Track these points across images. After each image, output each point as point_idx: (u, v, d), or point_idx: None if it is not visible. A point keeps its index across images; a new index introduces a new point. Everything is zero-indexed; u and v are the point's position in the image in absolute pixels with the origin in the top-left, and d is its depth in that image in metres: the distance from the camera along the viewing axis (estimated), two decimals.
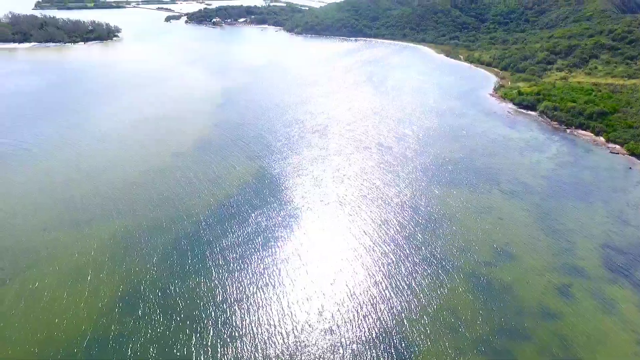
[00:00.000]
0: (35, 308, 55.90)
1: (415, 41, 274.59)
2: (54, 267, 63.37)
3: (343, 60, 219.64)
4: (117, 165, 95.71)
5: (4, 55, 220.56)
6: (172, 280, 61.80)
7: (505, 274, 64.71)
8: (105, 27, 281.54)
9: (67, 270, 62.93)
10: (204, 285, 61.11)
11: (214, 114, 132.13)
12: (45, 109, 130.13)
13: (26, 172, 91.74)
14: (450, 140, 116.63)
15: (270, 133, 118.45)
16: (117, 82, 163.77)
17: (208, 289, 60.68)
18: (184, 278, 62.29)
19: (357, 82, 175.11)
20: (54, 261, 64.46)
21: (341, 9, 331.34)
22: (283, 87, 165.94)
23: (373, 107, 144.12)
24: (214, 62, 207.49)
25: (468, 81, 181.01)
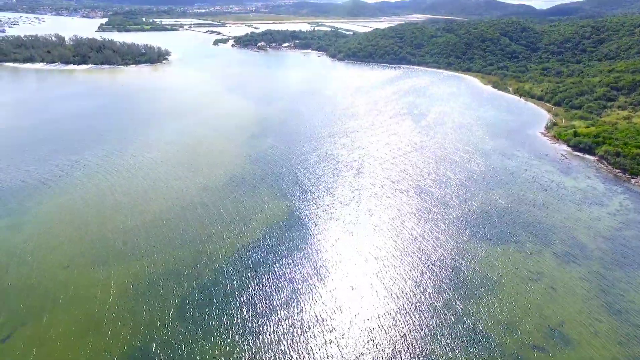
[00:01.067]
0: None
1: (461, 70, 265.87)
2: (72, 313, 61.68)
3: (384, 89, 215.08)
4: (147, 199, 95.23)
5: (64, 76, 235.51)
6: (186, 340, 58.00)
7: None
8: (156, 50, 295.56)
9: (84, 318, 60.97)
10: (218, 350, 56.77)
11: (248, 145, 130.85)
12: (86, 135, 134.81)
13: (58, 201, 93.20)
14: (496, 186, 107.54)
15: (303, 168, 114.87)
16: (157, 109, 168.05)
17: (222, 353, 56.26)
18: (198, 339, 58.32)
19: (397, 114, 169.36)
20: (72, 306, 62.90)
21: (385, 36, 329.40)
22: (320, 117, 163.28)
23: (413, 143, 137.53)
24: (254, 88, 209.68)
25: (517, 117, 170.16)
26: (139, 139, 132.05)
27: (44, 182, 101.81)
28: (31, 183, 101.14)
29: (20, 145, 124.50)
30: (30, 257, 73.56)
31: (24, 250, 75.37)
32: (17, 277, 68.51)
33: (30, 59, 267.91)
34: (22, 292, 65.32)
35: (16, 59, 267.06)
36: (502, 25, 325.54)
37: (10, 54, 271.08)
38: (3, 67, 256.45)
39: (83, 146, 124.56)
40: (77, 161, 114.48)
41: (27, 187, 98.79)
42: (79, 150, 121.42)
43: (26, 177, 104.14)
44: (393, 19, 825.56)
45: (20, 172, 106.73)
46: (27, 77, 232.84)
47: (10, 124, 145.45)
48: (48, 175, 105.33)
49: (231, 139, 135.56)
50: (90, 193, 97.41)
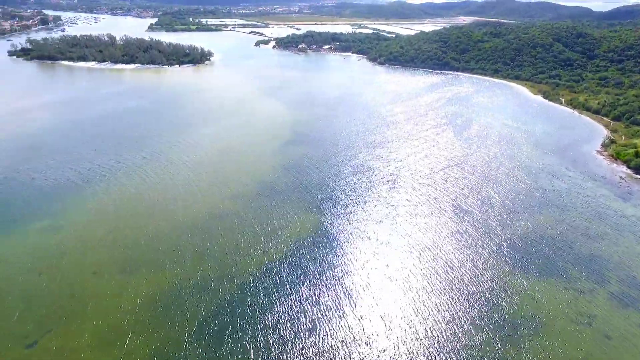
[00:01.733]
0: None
1: (508, 78, 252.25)
2: (96, 323, 61.75)
3: (425, 96, 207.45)
4: (180, 205, 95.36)
5: (112, 75, 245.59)
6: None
7: None
8: (200, 51, 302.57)
9: (108, 329, 60.88)
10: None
11: (282, 152, 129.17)
12: (127, 136, 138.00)
13: (96, 202, 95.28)
14: (544, 209, 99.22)
15: (336, 180, 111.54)
16: (195, 112, 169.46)
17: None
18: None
19: (438, 125, 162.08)
20: (97, 315, 63.03)
21: (428, 40, 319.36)
22: (357, 124, 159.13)
23: (454, 156, 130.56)
24: (291, 92, 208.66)
25: (569, 132, 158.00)
26: (176, 143, 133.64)
27: (86, 182, 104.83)
28: (75, 182, 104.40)
29: (67, 144, 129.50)
30: (63, 261, 75.03)
31: (58, 253, 77.07)
32: (48, 282, 69.87)
33: (83, 57, 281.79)
34: (52, 298, 66.37)
35: (71, 58, 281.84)
36: (556, 30, 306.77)
37: (66, 53, 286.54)
38: (59, 65, 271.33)
39: (123, 148, 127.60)
40: (118, 162, 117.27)
41: (70, 187, 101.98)
42: (120, 151, 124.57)
43: (71, 176, 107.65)
44: (437, 22, 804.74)
45: (67, 171, 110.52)
46: (78, 75, 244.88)
47: (58, 122, 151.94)
48: (90, 175, 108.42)
49: (265, 145, 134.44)
50: (126, 196, 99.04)
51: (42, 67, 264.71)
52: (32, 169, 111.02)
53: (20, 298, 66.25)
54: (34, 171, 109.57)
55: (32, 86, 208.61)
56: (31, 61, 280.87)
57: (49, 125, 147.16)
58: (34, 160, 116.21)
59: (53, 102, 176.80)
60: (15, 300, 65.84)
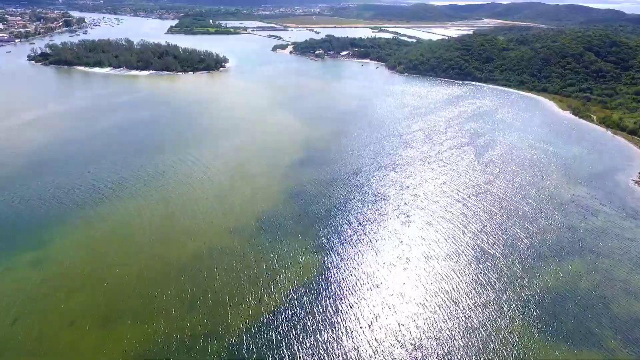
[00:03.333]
0: None
1: (535, 90, 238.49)
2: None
3: (444, 111, 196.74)
4: (173, 240, 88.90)
5: (125, 82, 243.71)
6: None
7: None
8: (214, 57, 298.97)
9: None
10: None
11: (288, 175, 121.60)
12: (127, 153, 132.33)
13: (85, 230, 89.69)
14: (576, 255, 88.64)
15: (344, 211, 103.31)
16: (202, 126, 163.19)
17: None
18: None
19: (458, 145, 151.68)
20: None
21: (450, 47, 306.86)
22: (371, 143, 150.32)
23: (475, 184, 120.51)
24: (305, 104, 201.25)
25: (602, 156, 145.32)
26: (179, 162, 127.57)
27: (79, 206, 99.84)
28: (67, 206, 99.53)
29: (65, 163, 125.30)
30: (40, 306, 69.41)
31: (38, 296, 71.61)
32: (21, 333, 64.22)
33: (99, 63, 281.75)
34: (19, 355, 60.50)
35: (87, 63, 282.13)
36: (587, 38, 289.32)
37: (82, 58, 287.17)
38: (75, 71, 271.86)
39: (123, 167, 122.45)
40: (116, 183, 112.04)
41: (61, 212, 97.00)
42: (119, 170, 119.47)
43: (64, 198, 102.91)
44: (460, 25, 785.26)
45: (61, 192, 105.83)
46: (92, 82, 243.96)
47: (60, 137, 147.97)
48: (84, 198, 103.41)
49: (271, 167, 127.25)
50: (118, 225, 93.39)
51: (58, 73, 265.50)
52: (24, 190, 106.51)
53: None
54: (27, 193, 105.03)
55: (44, 94, 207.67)
56: (49, 66, 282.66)
57: (51, 141, 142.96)
58: (29, 180, 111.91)
59: (61, 113, 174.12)
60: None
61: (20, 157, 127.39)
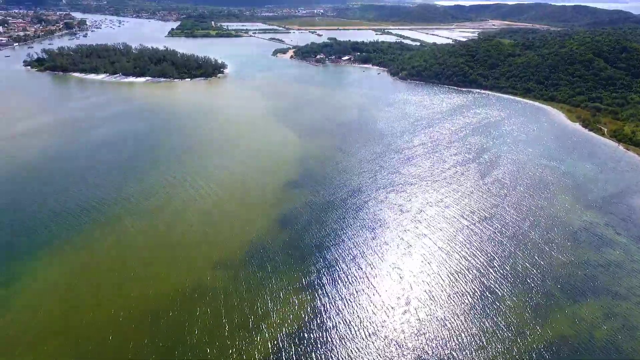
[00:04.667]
0: None
1: (542, 99, 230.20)
2: None
3: (448, 122, 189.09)
4: (152, 275, 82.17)
5: (120, 90, 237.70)
6: None
7: None
8: (213, 62, 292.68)
9: None
10: None
11: (280, 198, 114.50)
12: (110, 172, 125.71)
13: (52, 266, 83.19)
14: (590, 295, 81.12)
15: (339, 241, 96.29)
16: (195, 140, 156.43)
17: None
18: None
19: (463, 162, 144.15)
20: None
21: (454, 53, 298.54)
22: (370, 160, 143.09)
23: (480, 207, 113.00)
24: (303, 114, 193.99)
25: (615, 175, 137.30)
26: (164, 185, 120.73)
27: (53, 235, 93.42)
28: (39, 234, 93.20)
29: (43, 184, 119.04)
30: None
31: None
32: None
33: (95, 69, 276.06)
34: None
35: (83, 70, 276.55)
36: (596, 43, 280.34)
37: (78, 64, 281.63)
38: (70, 77, 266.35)
39: (105, 188, 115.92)
40: (93, 207, 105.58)
41: (31, 241, 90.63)
42: (99, 192, 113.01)
43: (36, 226, 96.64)
44: (465, 26, 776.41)
45: (34, 218, 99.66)
46: (86, 90, 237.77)
47: (46, 153, 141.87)
48: (58, 225, 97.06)
49: (263, 188, 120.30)
50: (92, 260, 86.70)
51: (52, 80, 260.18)
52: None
53: None
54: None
55: (35, 104, 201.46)
56: (44, 72, 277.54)
57: (33, 157, 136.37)
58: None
59: (48, 126, 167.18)
60: None
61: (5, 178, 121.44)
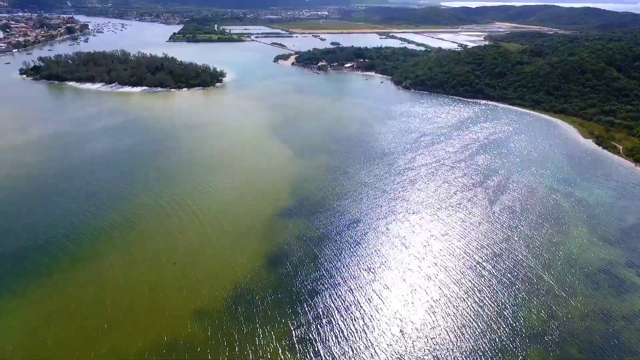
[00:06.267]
0: None
1: (552, 112, 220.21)
2: None
3: (454, 138, 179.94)
4: (119, 325, 74.14)
5: (115, 101, 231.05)
6: None
7: None
8: (211, 70, 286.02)
9: None
10: None
11: (271, 231, 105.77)
12: (95, 193, 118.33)
13: (19, 314, 75.54)
14: (615, 356, 72.02)
15: (334, 284, 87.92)
16: (186, 158, 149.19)
17: None
18: None
19: (469, 186, 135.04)
20: None
21: (460, 61, 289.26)
22: (370, 183, 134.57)
23: (488, 242, 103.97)
24: (300, 129, 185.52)
25: (633, 202, 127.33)
26: (148, 212, 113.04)
27: (22, 270, 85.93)
28: (6, 268, 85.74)
29: (20, 203, 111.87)
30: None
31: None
32: None
33: (91, 78, 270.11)
34: None
35: (79, 79, 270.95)
36: (608, 51, 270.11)
37: (74, 73, 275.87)
38: (65, 87, 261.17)
39: (84, 215, 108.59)
40: (67, 238, 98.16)
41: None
42: (76, 221, 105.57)
43: (3, 259, 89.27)
44: (472, 28, 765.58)
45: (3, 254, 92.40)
46: (80, 101, 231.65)
47: (26, 174, 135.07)
48: (29, 261, 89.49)
49: (253, 217, 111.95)
50: (63, 303, 79.05)
51: (47, 90, 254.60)
52: None
53: None
54: None
55: (25, 116, 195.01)
56: (39, 81, 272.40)
57: (15, 177, 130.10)
58: None
59: (34, 142, 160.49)
60: None
61: None
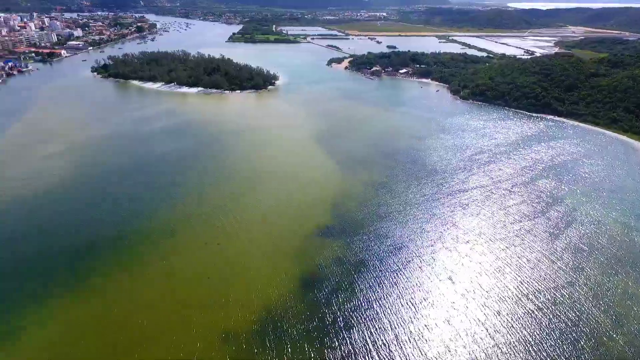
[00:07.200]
0: None
1: (632, 133, 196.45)
2: None
3: (514, 157, 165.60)
4: (145, 341, 73.56)
5: (171, 101, 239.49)
6: None
7: None
8: (265, 73, 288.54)
9: None
10: None
11: (307, 250, 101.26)
12: (144, 194, 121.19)
13: (32, 333, 77.37)
14: None
15: (365, 321, 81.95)
16: (227, 168, 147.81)
17: None
18: None
19: (527, 215, 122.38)
20: None
21: (526, 70, 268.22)
22: (417, 204, 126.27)
23: (548, 286, 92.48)
24: (347, 140, 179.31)
25: None
26: (189, 219, 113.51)
27: (41, 289, 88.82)
28: (45, 277, 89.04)
29: (70, 201, 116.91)
30: None
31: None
32: None
33: (153, 78, 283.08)
34: None
35: (142, 77, 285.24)
36: None
37: (138, 72, 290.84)
38: (129, 85, 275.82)
39: (113, 223, 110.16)
40: (114, 244, 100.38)
41: (36, 284, 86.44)
42: (121, 222, 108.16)
43: (45, 262, 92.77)
44: (540, 33, 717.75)
45: (40, 251, 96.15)
46: (140, 100, 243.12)
47: (79, 174, 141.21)
48: (66, 265, 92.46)
49: (290, 234, 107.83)
50: (94, 313, 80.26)
51: (113, 88, 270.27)
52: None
53: None
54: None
55: (89, 115, 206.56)
56: (108, 79, 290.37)
57: (58, 183, 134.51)
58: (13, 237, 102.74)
59: (90, 142, 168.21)
60: None
61: (17, 205, 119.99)
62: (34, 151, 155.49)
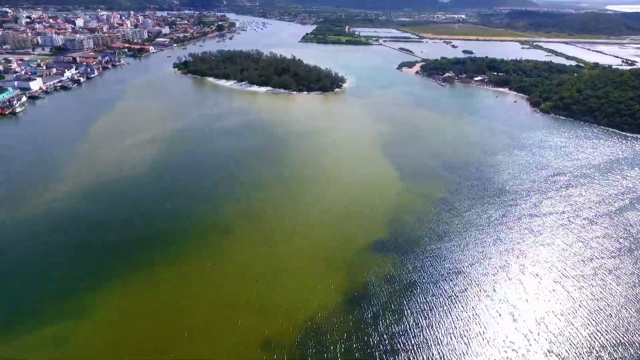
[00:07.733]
0: None
1: None
2: None
3: (598, 182, 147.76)
4: (196, 340, 75.81)
5: (242, 99, 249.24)
6: None
7: None
8: (333, 75, 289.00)
9: None
10: None
11: (357, 265, 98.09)
12: (205, 191, 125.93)
13: (100, 310, 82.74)
14: None
15: (413, 350, 77.26)
16: (286, 173, 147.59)
17: None
18: None
19: (611, 252, 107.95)
20: None
21: (623, 84, 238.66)
22: (481, 225, 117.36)
23: (630, 339, 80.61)
24: (413, 150, 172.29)
25: None
26: (241, 222, 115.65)
27: (95, 276, 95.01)
28: (80, 280, 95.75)
29: (138, 195, 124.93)
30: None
31: None
32: None
33: (227, 75, 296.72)
34: None
35: (217, 75, 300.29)
36: None
37: (214, 69, 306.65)
38: (205, 82, 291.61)
39: (184, 215, 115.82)
40: (182, 232, 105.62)
41: (79, 284, 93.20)
42: (180, 218, 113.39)
43: (104, 248, 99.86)
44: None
45: (97, 240, 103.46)
46: (215, 96, 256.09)
47: (146, 164, 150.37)
48: (103, 264, 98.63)
49: (342, 245, 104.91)
50: (156, 295, 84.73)
51: (191, 84, 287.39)
52: (59, 237, 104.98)
53: None
54: (61, 239, 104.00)
55: (167, 109, 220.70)
56: (187, 75, 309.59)
57: (146, 168, 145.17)
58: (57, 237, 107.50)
59: (169, 135, 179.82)
60: None
61: (105, 192, 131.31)
62: (120, 142, 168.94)
